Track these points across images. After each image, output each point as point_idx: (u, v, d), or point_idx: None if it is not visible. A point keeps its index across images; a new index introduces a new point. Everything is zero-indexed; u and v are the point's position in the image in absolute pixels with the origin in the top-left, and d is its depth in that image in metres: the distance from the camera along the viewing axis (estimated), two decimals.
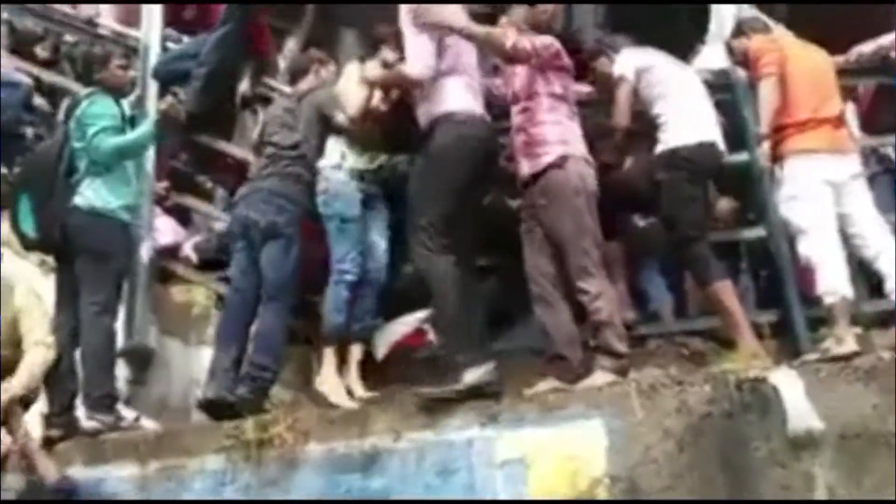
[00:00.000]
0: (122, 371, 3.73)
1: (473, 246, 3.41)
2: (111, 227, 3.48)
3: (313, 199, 3.68)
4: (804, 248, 3.39)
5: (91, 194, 3.47)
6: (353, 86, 3.68)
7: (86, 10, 4.57)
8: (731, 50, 3.87)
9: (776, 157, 3.51)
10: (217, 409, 3.30)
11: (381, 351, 3.67)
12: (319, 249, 3.65)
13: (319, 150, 3.74)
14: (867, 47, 4.07)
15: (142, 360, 3.82)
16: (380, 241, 3.72)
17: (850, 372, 3.01)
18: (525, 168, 3.38)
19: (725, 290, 3.47)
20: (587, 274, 3.22)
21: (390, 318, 3.77)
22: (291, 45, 4.77)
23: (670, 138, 3.62)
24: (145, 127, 3.72)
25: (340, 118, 3.68)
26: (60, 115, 3.99)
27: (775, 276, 3.76)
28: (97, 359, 3.38)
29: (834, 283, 3.30)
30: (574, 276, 3.24)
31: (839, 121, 3.56)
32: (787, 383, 2.97)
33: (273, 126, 3.77)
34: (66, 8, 4.63)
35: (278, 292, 3.44)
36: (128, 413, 3.49)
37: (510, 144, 3.52)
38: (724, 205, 3.97)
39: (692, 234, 3.55)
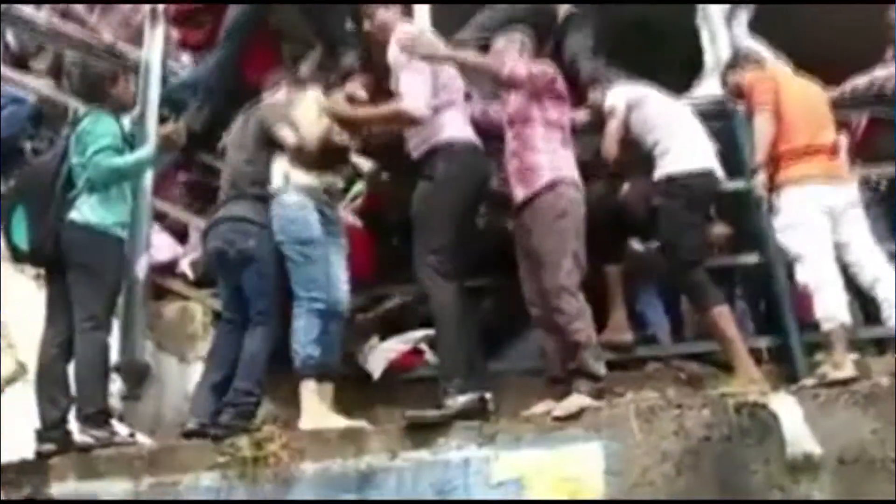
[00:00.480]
0: (116, 386, 3.70)
1: (470, 268, 3.42)
2: (105, 243, 3.47)
3: None
4: (802, 274, 3.42)
5: (87, 210, 3.46)
6: (312, 114, 3.55)
7: (106, 35, 4.58)
8: (724, 82, 3.92)
9: (773, 186, 3.55)
10: (201, 438, 3.26)
11: (377, 371, 3.65)
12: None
13: (267, 166, 3.56)
14: (861, 80, 4.14)
15: (137, 376, 3.79)
16: (339, 271, 3.52)
17: (848, 397, 3.02)
18: (519, 193, 3.42)
19: (723, 316, 3.49)
20: (567, 293, 3.23)
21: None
22: (304, 69, 4.79)
23: (668, 165, 3.65)
24: (145, 150, 3.71)
25: (288, 139, 3.51)
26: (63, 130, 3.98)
27: (772, 302, 3.77)
28: (90, 373, 3.35)
29: (832, 309, 3.31)
30: (553, 296, 3.24)
31: (834, 150, 3.60)
32: (786, 408, 2.97)
33: (231, 146, 3.71)
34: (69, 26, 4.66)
35: (261, 317, 3.38)
36: (122, 429, 3.45)
37: (503, 167, 3.55)
38: (719, 230, 3.99)
39: (690, 260, 3.57)
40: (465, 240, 3.40)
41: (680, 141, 3.68)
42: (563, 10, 4.42)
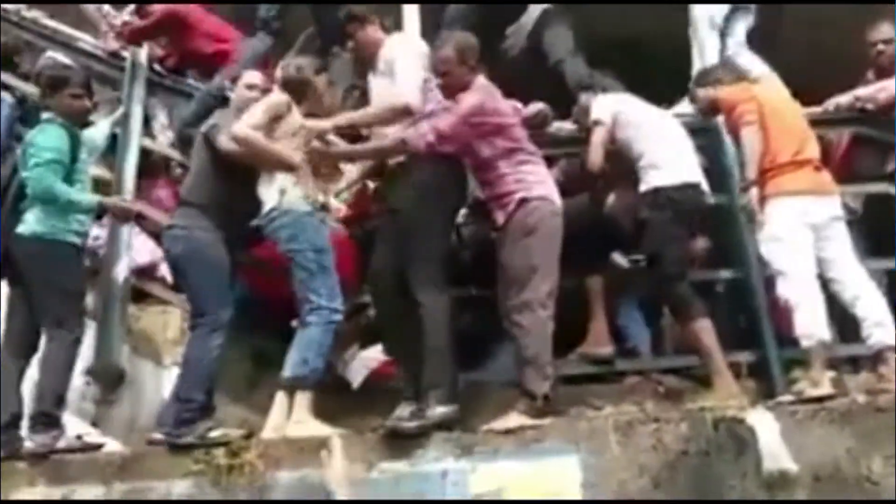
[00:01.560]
0: (91, 390, 3.65)
1: (453, 278, 3.43)
2: (57, 251, 3.31)
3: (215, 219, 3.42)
4: (783, 289, 3.43)
5: (34, 221, 3.31)
6: (256, 118, 3.40)
7: (111, 42, 4.57)
8: (693, 98, 3.92)
9: (759, 199, 3.55)
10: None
11: (356, 381, 3.62)
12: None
13: (211, 176, 3.49)
14: (844, 98, 4.18)
15: (111, 380, 3.74)
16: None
17: (825, 415, 3.04)
18: (499, 217, 3.42)
19: (705, 329, 3.49)
20: (527, 309, 3.22)
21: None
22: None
23: (654, 178, 3.66)
24: (87, 198, 3.43)
25: (222, 144, 3.44)
26: None
27: (751, 317, 3.78)
28: (45, 375, 3.25)
29: (811, 326, 3.33)
30: (514, 310, 3.24)
31: (819, 163, 3.62)
32: (764, 424, 2.99)
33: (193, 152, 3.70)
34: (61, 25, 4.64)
35: (197, 319, 3.33)
36: (88, 434, 3.39)
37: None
38: (699, 244, 4.00)
39: (674, 272, 3.58)
40: (450, 249, 3.43)
41: (666, 154, 3.69)
42: (536, 10, 4.44)
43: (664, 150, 3.70)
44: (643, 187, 3.68)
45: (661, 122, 3.83)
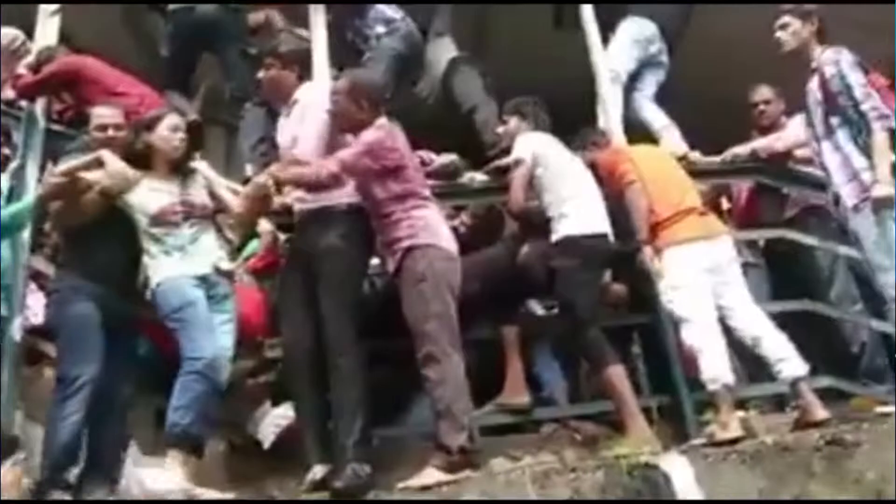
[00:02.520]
0: None
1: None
2: None
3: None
4: (686, 335, 3.50)
5: None
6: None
7: (7, 91, 4.41)
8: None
9: (655, 250, 3.64)
10: None
11: (267, 440, 3.49)
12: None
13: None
14: (741, 149, 4.36)
15: (3, 446, 3.49)
16: (224, 339, 3.31)
17: (735, 456, 3.07)
18: (390, 264, 3.42)
19: (618, 375, 3.53)
20: (432, 360, 3.18)
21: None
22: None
23: (564, 227, 3.71)
24: (22, 203, 3.46)
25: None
26: None
27: (663, 361, 3.84)
28: None
29: (715, 370, 3.39)
30: (420, 363, 3.21)
31: (703, 208, 3.75)
32: (677, 468, 2.99)
33: None
34: None
35: (56, 385, 3.25)
36: None
37: None
38: (616, 290, 4.07)
39: (586, 319, 3.61)
40: (362, 301, 3.40)
41: (577, 203, 3.75)
42: (445, 56, 4.50)
43: (575, 199, 3.76)
44: (554, 236, 3.73)
45: (575, 169, 3.90)
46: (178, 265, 3.30)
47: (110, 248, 3.33)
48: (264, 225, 3.89)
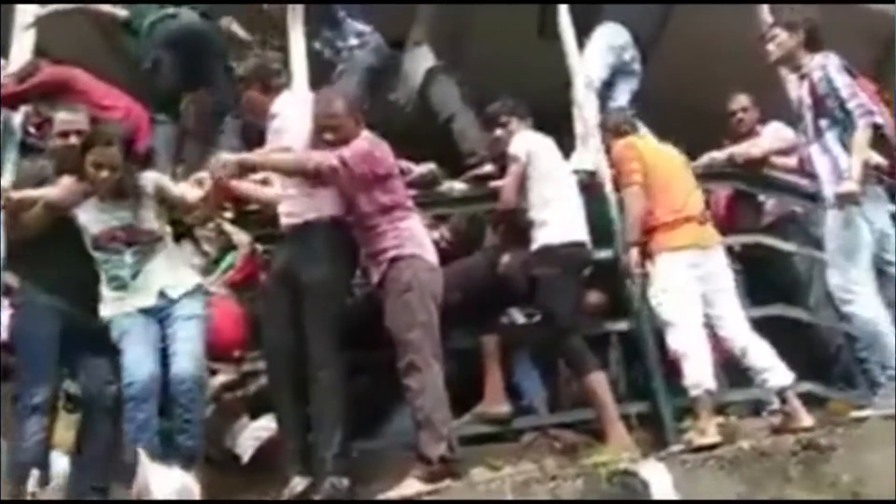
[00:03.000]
0: None
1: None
2: None
3: None
4: (672, 340, 3.51)
5: None
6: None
7: None
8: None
9: (647, 255, 3.65)
10: None
11: (246, 454, 3.47)
12: None
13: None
14: (719, 154, 4.39)
15: None
16: (178, 346, 3.26)
17: (714, 462, 3.10)
18: (374, 275, 3.42)
19: (599, 382, 3.53)
20: (414, 369, 3.19)
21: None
22: None
23: (543, 236, 3.72)
24: None
25: None
26: None
27: (643, 368, 3.85)
28: None
29: (698, 376, 3.40)
30: (402, 373, 3.21)
31: (703, 216, 3.75)
32: (656, 475, 3.01)
33: None
34: None
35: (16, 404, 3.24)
36: None
37: None
38: (594, 298, 4.07)
39: (566, 326, 3.62)
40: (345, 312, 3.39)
41: (558, 207, 3.75)
42: (423, 66, 4.50)
43: (556, 201, 3.76)
44: (534, 245, 3.74)
45: (562, 172, 3.90)
46: (119, 303, 3.26)
47: (68, 260, 3.29)
48: (242, 237, 3.88)
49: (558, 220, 3.74)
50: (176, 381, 3.16)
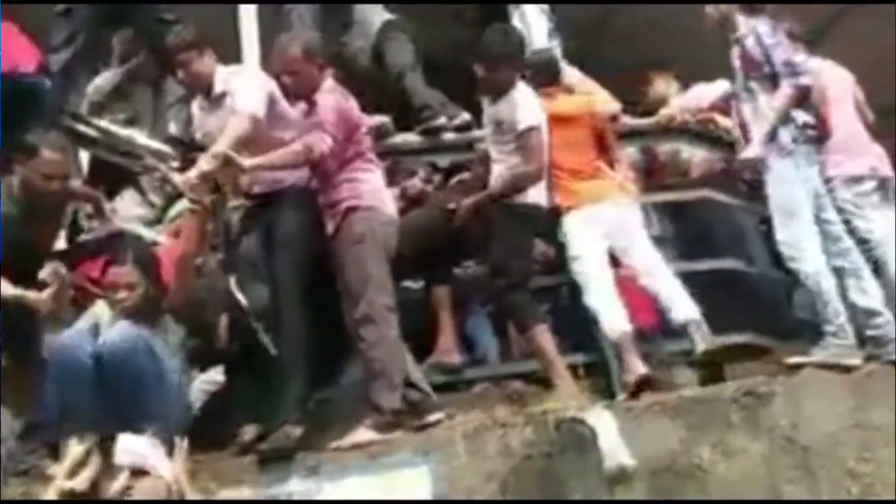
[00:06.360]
0: None
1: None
2: None
3: None
4: (588, 301, 3.59)
5: None
6: None
7: None
8: None
9: (559, 211, 3.69)
10: None
11: (195, 404, 3.44)
12: None
13: None
14: (668, 110, 4.40)
15: None
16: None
17: (658, 409, 3.19)
18: (329, 226, 3.40)
19: (542, 334, 3.56)
20: (368, 321, 3.21)
21: None
22: None
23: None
24: None
25: None
26: None
27: (588, 318, 3.91)
28: None
29: (613, 323, 3.50)
30: (356, 324, 3.23)
31: (598, 171, 3.76)
32: (602, 422, 3.09)
33: None
34: None
35: None
36: None
37: None
38: (540, 248, 4.11)
39: (516, 282, 3.64)
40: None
41: None
42: (378, 18, 4.43)
43: None
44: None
45: None
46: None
47: None
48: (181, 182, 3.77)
49: None
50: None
